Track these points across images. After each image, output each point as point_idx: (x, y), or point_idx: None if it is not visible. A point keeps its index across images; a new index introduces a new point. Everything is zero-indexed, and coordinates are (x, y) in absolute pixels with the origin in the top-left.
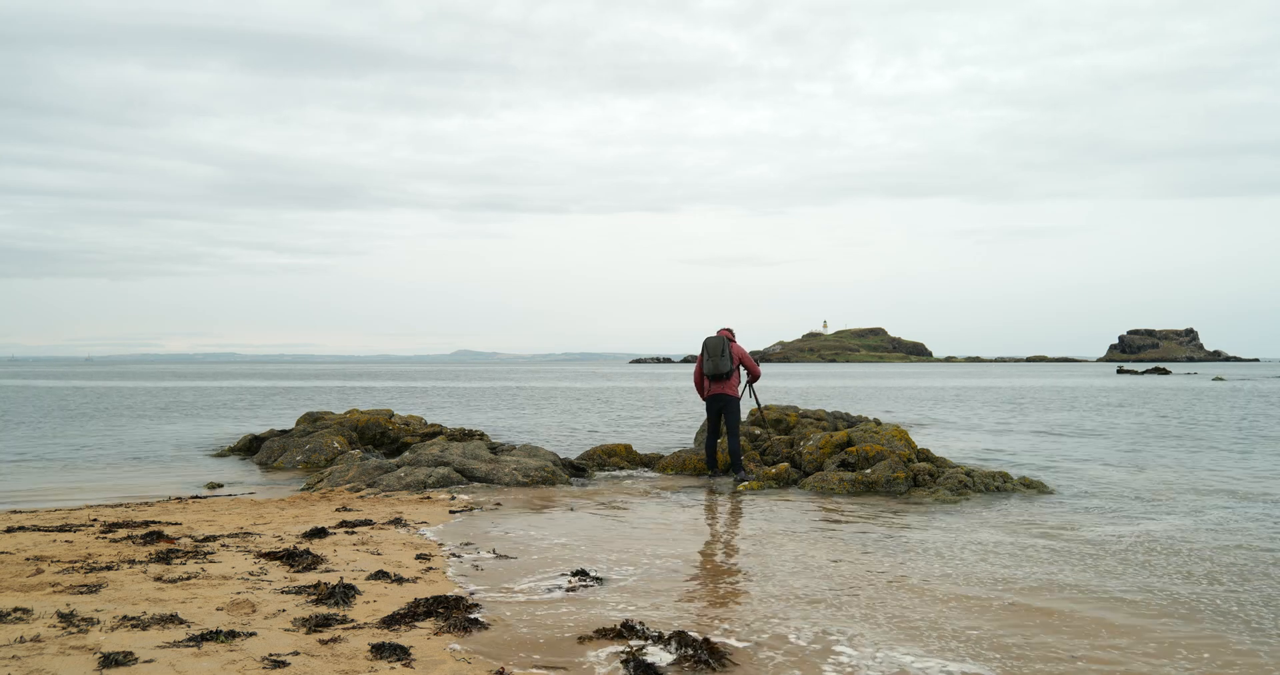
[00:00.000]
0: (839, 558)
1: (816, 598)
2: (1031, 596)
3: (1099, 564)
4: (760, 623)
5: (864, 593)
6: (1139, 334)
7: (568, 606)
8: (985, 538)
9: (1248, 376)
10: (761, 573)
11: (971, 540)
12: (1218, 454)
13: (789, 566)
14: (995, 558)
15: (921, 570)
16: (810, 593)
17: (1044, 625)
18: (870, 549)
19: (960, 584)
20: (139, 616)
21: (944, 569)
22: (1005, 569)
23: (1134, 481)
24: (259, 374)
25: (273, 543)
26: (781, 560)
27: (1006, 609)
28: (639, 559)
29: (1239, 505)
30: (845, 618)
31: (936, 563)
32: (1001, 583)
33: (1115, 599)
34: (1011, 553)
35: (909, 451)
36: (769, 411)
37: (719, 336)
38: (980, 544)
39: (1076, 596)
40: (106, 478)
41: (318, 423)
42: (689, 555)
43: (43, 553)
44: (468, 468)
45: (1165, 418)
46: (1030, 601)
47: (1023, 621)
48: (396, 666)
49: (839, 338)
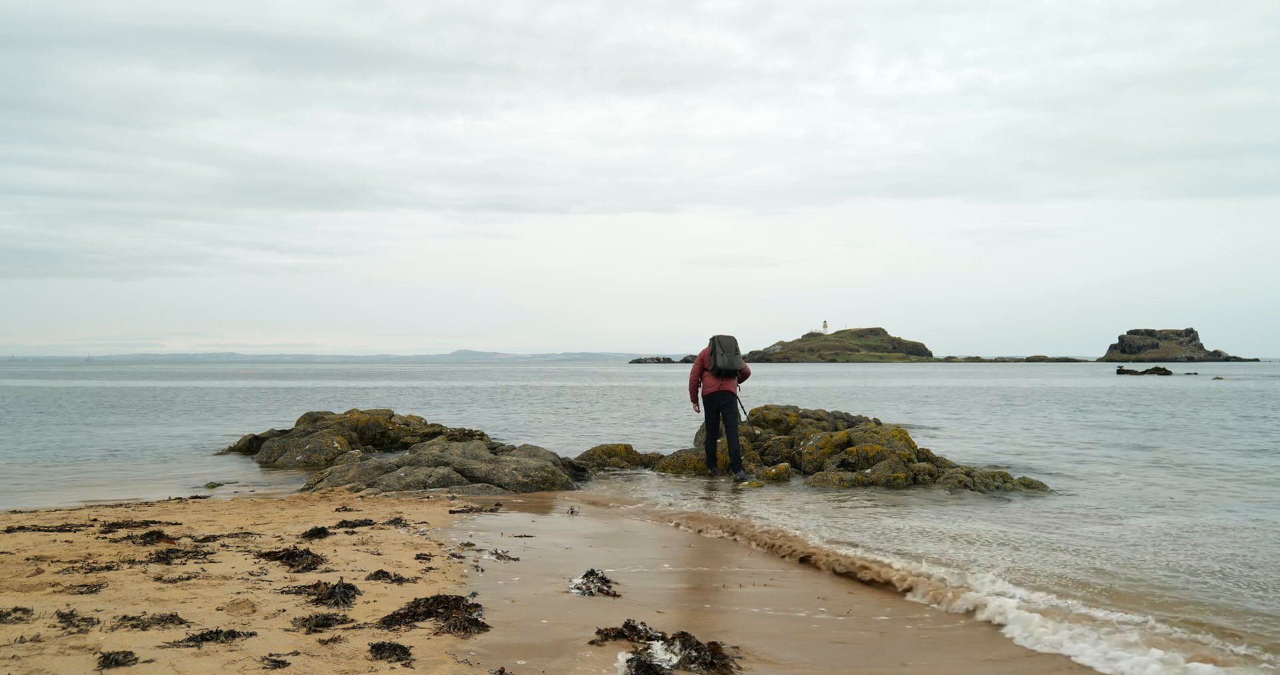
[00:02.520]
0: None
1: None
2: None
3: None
4: (761, 623)
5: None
6: (1139, 334)
7: (569, 607)
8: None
9: (1248, 376)
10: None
11: (964, 530)
12: (1218, 454)
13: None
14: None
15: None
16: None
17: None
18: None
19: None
20: (139, 616)
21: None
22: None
23: (1134, 481)
24: (259, 374)
25: (273, 543)
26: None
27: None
28: (640, 559)
29: (1238, 504)
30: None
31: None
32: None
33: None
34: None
35: (909, 451)
36: (769, 411)
37: (731, 336)
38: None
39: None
40: (106, 477)
41: (318, 423)
42: (689, 556)
43: (43, 553)
44: (468, 468)
45: (1165, 418)
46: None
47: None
48: (396, 667)
49: (839, 338)
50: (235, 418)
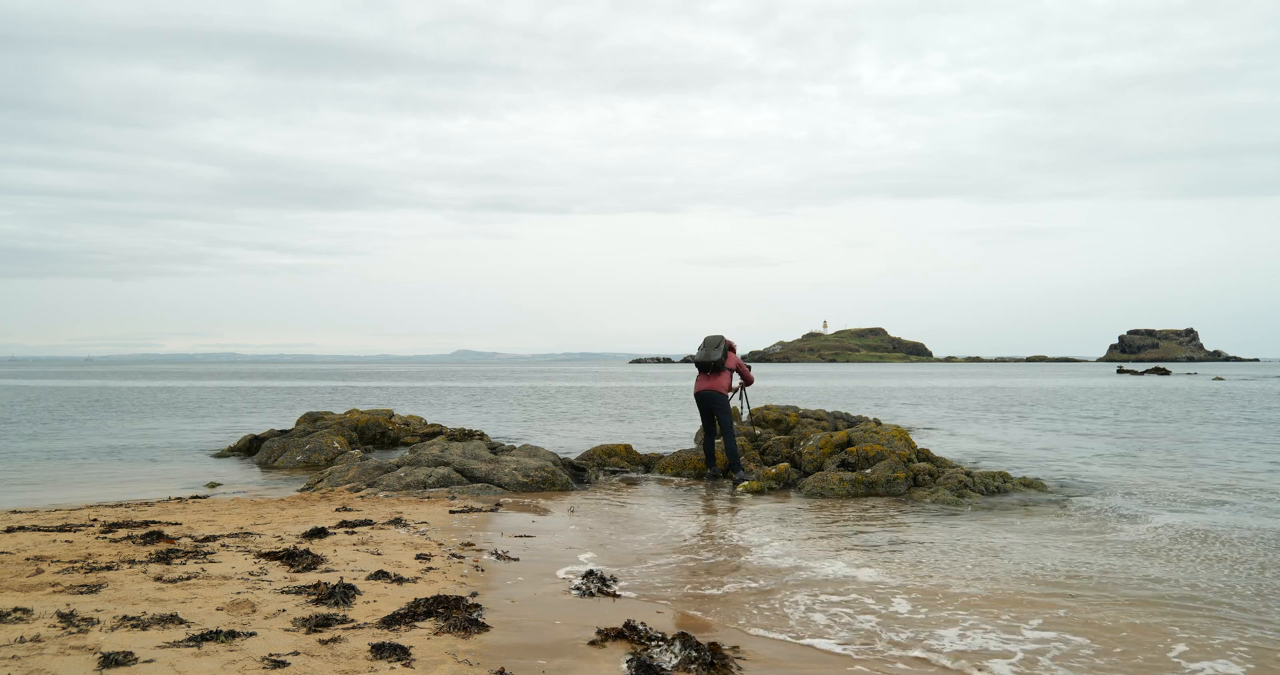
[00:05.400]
0: (839, 558)
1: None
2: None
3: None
4: (763, 623)
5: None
6: (1139, 334)
7: (569, 607)
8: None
9: (1248, 376)
10: (762, 572)
11: (977, 542)
12: (1217, 454)
13: (790, 566)
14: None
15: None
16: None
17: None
18: (867, 548)
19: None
20: (139, 616)
21: (947, 567)
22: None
23: (1133, 481)
24: (259, 374)
25: (273, 543)
26: (782, 559)
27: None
28: (640, 559)
29: (1239, 503)
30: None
31: (935, 556)
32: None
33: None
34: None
35: (909, 451)
36: (769, 411)
37: (718, 335)
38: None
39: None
40: (106, 477)
41: (318, 423)
42: (690, 556)
43: (43, 553)
44: (468, 468)
45: (1165, 418)
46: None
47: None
48: (396, 667)
49: (839, 338)
50: (235, 418)
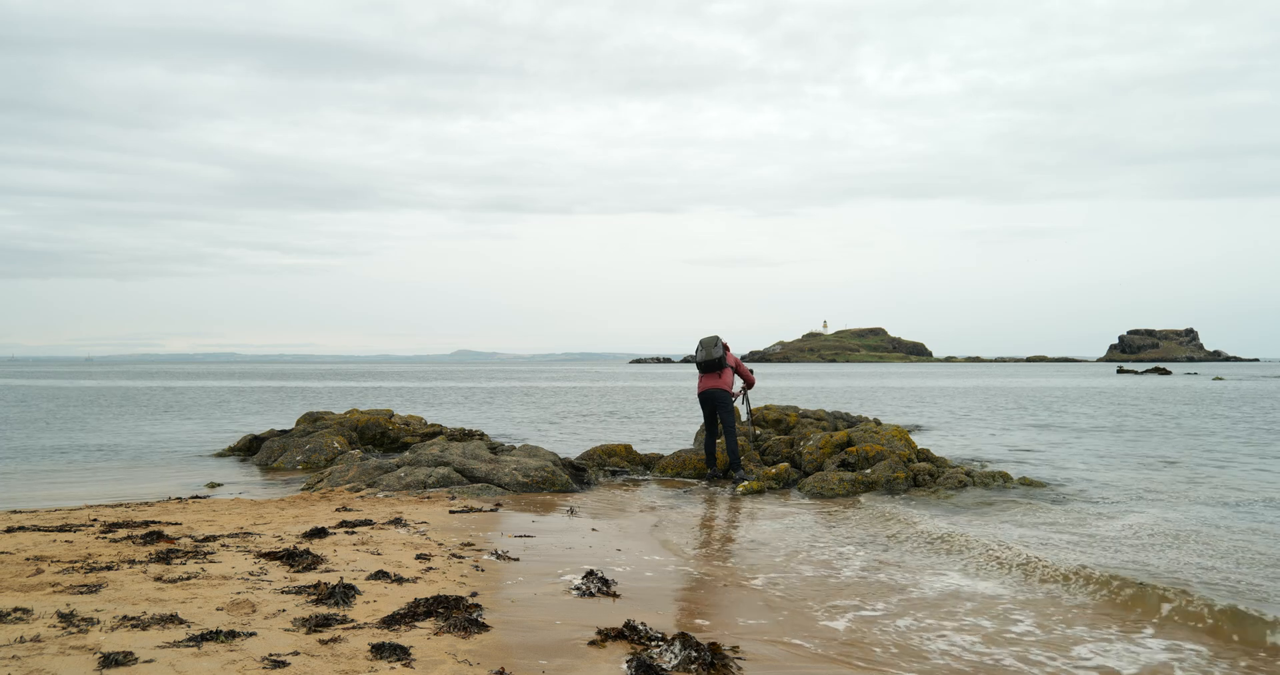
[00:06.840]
0: (839, 558)
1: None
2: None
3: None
4: (762, 624)
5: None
6: (1139, 334)
7: (569, 607)
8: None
9: (1248, 376)
10: (762, 571)
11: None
12: (1217, 453)
13: (790, 566)
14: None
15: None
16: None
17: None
18: (866, 545)
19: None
20: (139, 616)
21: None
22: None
23: (1133, 480)
24: (259, 374)
25: (273, 543)
26: (781, 560)
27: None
28: (640, 560)
29: (1238, 501)
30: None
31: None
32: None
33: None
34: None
35: (909, 451)
36: (769, 411)
37: (714, 335)
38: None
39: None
40: (106, 477)
41: (318, 423)
42: (689, 556)
43: (43, 553)
44: (468, 468)
45: (1164, 417)
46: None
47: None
48: (396, 667)
49: (839, 338)
50: (235, 418)
